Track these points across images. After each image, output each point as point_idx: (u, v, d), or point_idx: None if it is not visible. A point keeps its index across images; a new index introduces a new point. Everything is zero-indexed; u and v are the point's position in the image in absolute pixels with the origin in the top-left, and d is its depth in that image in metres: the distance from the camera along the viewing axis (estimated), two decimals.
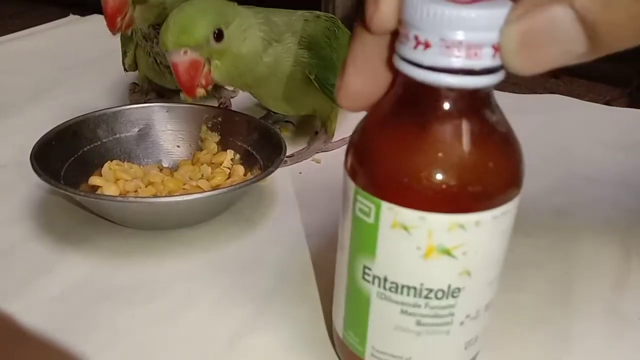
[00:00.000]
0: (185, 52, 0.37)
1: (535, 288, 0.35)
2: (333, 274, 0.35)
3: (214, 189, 0.39)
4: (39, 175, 0.36)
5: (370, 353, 0.27)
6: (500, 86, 0.23)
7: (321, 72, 0.44)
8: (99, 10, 0.45)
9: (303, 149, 0.49)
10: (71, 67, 0.67)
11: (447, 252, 0.23)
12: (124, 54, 0.49)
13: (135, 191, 0.39)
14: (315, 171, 0.48)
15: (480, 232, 0.23)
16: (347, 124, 0.53)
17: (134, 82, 0.55)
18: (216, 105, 0.52)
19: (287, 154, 0.46)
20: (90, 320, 0.32)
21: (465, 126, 0.22)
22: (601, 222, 0.41)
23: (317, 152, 0.50)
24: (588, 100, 0.62)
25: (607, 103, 0.65)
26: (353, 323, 0.27)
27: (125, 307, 0.33)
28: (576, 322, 0.32)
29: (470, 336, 0.26)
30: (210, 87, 0.40)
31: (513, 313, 0.32)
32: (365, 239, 0.24)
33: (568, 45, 0.19)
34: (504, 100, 0.24)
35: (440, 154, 0.22)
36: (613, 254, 0.38)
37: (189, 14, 0.38)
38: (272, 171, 0.37)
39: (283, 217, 0.41)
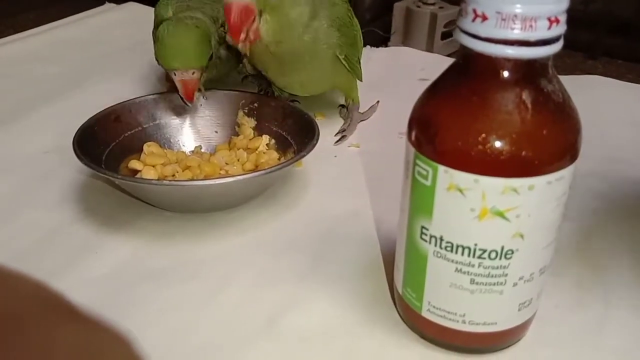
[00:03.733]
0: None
1: (574, 272, 0.35)
2: (379, 249, 0.38)
3: (248, 173, 0.39)
4: (80, 159, 0.37)
5: (427, 309, 0.29)
6: None
7: (349, 50, 0.48)
8: None
9: (346, 123, 0.53)
10: (108, 54, 0.69)
11: (500, 215, 0.25)
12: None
13: (173, 175, 0.41)
14: (350, 155, 0.49)
15: (534, 197, 0.25)
16: (365, 95, 0.55)
17: None
18: (255, 92, 0.53)
19: (339, 132, 0.51)
20: (132, 299, 0.35)
21: (520, 95, 0.24)
22: None
23: (359, 122, 0.53)
24: (626, 81, 0.61)
25: None
26: (411, 280, 0.30)
27: (166, 287, 0.36)
28: (614, 308, 0.33)
29: (524, 298, 0.28)
30: (253, 43, 0.41)
31: (551, 296, 0.33)
32: (423, 201, 0.27)
33: None
34: None
35: (495, 121, 0.24)
36: None
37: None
38: (304, 155, 0.39)
39: (317, 200, 0.43)
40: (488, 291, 0.27)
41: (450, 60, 0.27)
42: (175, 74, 0.44)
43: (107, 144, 0.43)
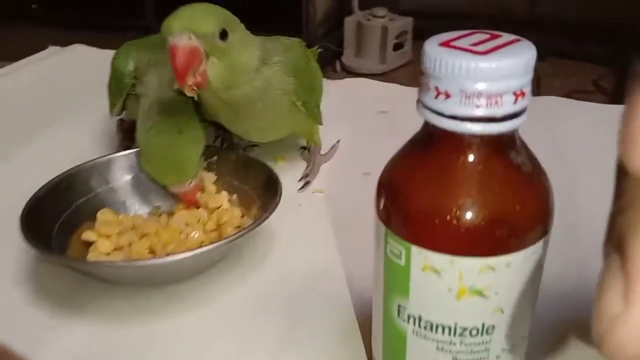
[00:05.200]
0: (190, 38, 0.38)
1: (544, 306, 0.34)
2: (353, 309, 0.36)
3: (210, 235, 0.38)
4: (28, 241, 0.34)
5: None
6: None
7: (306, 96, 0.46)
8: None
9: (309, 168, 0.52)
10: (54, 103, 0.65)
11: (479, 293, 0.24)
12: (112, 105, 0.47)
13: (130, 245, 0.38)
14: (315, 202, 0.47)
15: (512, 273, 0.24)
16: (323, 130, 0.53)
17: (121, 118, 0.54)
18: (215, 144, 0.51)
19: (302, 177, 0.50)
20: None
21: (490, 170, 0.23)
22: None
23: (322, 164, 0.52)
24: (575, 80, 0.61)
25: (595, 82, 0.64)
26: (391, 358, 0.28)
27: None
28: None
29: None
30: (201, 87, 0.40)
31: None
32: (398, 280, 0.25)
33: None
34: None
35: (466, 199, 0.23)
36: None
37: (200, 7, 0.39)
38: (267, 217, 0.37)
39: (284, 257, 0.42)
40: None
41: (408, 91, 0.25)
42: (172, 188, 0.42)
43: (58, 215, 0.40)
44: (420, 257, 0.24)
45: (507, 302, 0.25)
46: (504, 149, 0.23)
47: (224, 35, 0.39)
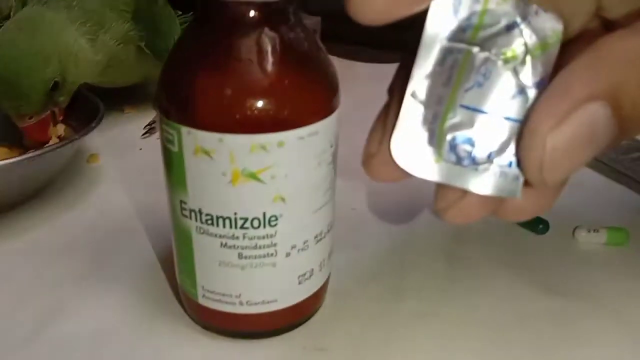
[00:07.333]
0: (31, 117, 0.37)
1: (373, 246, 0.34)
2: (161, 249, 0.34)
3: None
4: None
5: (202, 294, 0.26)
6: None
7: (149, 37, 0.44)
8: None
9: (157, 115, 0.47)
10: None
11: (253, 177, 0.23)
12: None
13: None
14: (158, 147, 0.44)
15: (286, 154, 0.23)
16: None
17: None
18: None
19: (148, 124, 0.47)
20: None
21: (256, 42, 0.22)
22: None
23: None
24: None
25: None
26: (183, 265, 0.26)
27: None
28: (411, 274, 0.32)
29: (303, 270, 0.26)
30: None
31: (349, 270, 0.32)
32: (176, 171, 0.24)
33: (602, 142, 0.17)
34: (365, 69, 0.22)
35: (231, 72, 0.22)
36: None
37: (16, 72, 0.35)
38: (76, 139, 0.33)
39: (110, 194, 0.39)
40: (259, 265, 0.25)
41: None
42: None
43: None
44: (190, 139, 0.22)
45: (288, 189, 0.23)
46: (272, 22, 0.22)
47: (55, 86, 0.37)
